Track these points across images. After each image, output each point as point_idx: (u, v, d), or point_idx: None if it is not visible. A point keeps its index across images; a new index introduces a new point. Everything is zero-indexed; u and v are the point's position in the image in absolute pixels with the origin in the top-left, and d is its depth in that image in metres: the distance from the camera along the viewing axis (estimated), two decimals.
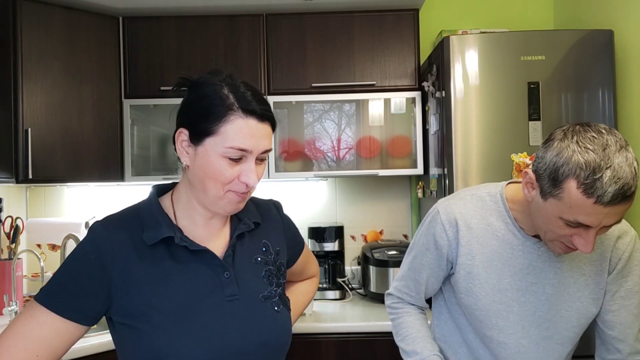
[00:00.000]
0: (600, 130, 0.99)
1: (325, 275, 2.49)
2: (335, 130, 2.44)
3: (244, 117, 0.94)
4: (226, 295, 0.98)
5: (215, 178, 0.95)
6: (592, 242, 1.01)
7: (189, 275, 0.97)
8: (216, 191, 0.96)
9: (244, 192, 0.97)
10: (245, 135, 0.94)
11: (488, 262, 1.20)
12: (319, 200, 2.72)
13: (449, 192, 2.01)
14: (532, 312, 1.19)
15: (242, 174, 0.95)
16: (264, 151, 0.97)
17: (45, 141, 2.14)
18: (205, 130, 0.94)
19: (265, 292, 1.04)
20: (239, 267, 1.03)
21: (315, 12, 2.39)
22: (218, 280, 0.99)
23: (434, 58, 2.20)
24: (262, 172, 1.00)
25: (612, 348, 1.21)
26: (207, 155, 0.94)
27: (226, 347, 0.95)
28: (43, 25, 2.14)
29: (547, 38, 2.00)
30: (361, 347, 2.06)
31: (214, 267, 1.00)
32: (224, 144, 0.93)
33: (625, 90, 2.02)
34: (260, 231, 1.11)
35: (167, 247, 0.98)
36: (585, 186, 0.95)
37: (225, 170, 0.94)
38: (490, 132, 1.97)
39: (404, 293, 1.35)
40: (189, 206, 1.02)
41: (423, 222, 1.31)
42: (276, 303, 1.04)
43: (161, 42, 2.39)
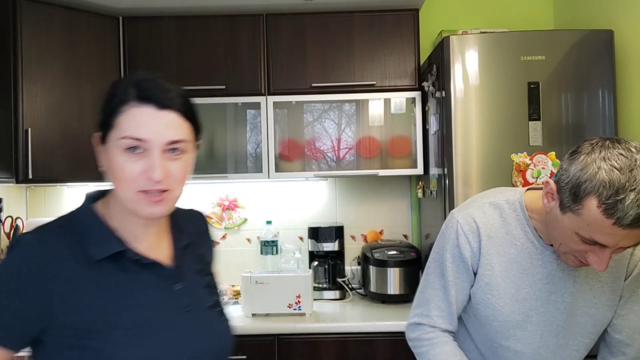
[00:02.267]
0: (630, 148, 0.95)
1: (325, 275, 2.49)
2: (335, 130, 2.44)
3: (138, 106, 0.88)
4: (180, 307, 0.95)
5: (119, 177, 0.89)
6: (607, 262, 0.99)
7: (141, 289, 0.93)
8: (124, 192, 0.90)
9: (156, 192, 0.89)
10: (139, 124, 0.87)
11: (506, 272, 1.17)
12: (318, 200, 2.72)
13: (449, 192, 2.01)
14: (550, 322, 1.17)
15: (145, 168, 0.88)
16: (170, 142, 0.89)
17: (45, 141, 2.13)
18: (106, 126, 0.90)
19: (210, 301, 1.02)
20: (186, 278, 0.99)
21: (315, 12, 2.39)
22: (169, 293, 0.96)
23: (434, 58, 2.20)
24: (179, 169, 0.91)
25: (617, 351, 1.20)
26: (110, 152, 0.90)
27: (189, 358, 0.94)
28: (43, 25, 2.14)
29: (547, 38, 2.00)
30: (361, 347, 2.06)
31: (164, 279, 0.96)
32: (120, 135, 0.88)
33: (625, 90, 2.01)
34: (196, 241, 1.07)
35: (115, 261, 0.92)
36: (606, 206, 0.92)
37: (126, 166, 0.88)
38: (490, 132, 1.97)
39: (436, 317, 1.23)
40: (123, 215, 0.95)
41: (441, 237, 1.24)
42: (221, 312, 1.04)
43: (161, 42, 2.39)
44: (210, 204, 2.71)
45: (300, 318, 2.13)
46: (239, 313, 2.19)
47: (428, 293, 1.25)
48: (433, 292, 1.23)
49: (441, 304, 1.22)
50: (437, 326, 1.23)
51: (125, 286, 0.92)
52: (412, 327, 1.27)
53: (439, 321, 1.23)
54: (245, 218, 2.71)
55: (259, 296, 2.14)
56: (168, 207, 0.92)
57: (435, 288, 1.23)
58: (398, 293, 2.32)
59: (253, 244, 2.70)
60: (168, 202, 0.91)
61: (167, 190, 0.90)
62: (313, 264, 2.50)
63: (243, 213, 2.71)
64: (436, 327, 1.23)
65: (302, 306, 2.14)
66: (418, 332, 1.25)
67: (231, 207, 2.71)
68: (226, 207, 2.71)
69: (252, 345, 2.05)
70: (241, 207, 2.71)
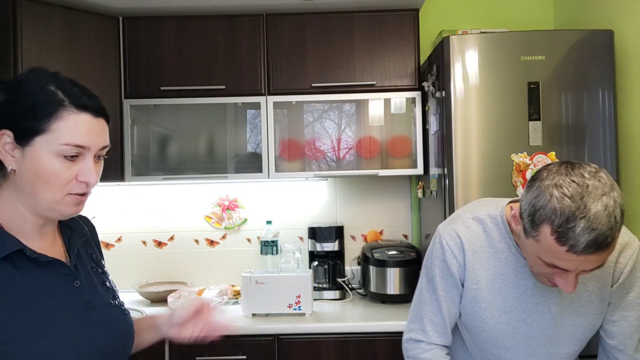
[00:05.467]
0: (583, 174, 0.96)
1: (325, 275, 2.49)
2: (335, 130, 2.44)
3: (77, 113, 0.91)
4: (82, 303, 0.97)
5: (49, 180, 0.90)
6: (573, 284, 1.01)
7: (42, 288, 0.93)
8: (52, 195, 0.91)
9: (83, 194, 0.94)
10: (81, 132, 0.91)
11: (492, 285, 1.19)
12: (319, 200, 2.71)
13: (449, 192, 2.01)
14: (538, 332, 1.19)
15: (80, 173, 0.92)
16: (102, 147, 0.95)
17: None
18: (34, 129, 0.89)
19: (109, 297, 1.05)
20: (84, 275, 1.02)
21: (315, 12, 2.39)
22: (70, 290, 0.97)
23: (434, 58, 2.20)
24: (99, 172, 0.96)
25: (612, 356, 1.22)
26: (38, 156, 0.90)
27: (96, 351, 0.96)
28: (43, 25, 2.14)
29: (547, 38, 2.00)
30: (361, 347, 2.06)
31: (63, 277, 0.97)
32: (59, 141, 0.89)
33: (625, 90, 2.01)
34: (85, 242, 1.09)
35: (10, 260, 0.91)
36: (558, 234, 0.94)
37: (61, 171, 0.90)
38: (490, 132, 1.97)
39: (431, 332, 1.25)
40: (15, 215, 0.94)
41: (429, 253, 1.27)
42: (122, 306, 1.07)
43: (161, 42, 2.38)
44: (210, 204, 2.71)
45: (300, 318, 2.13)
46: (239, 313, 2.19)
47: (422, 308, 1.27)
48: (426, 307, 1.26)
49: (435, 319, 1.25)
50: (433, 342, 1.25)
51: (23, 285, 0.91)
52: (410, 343, 1.30)
53: (434, 336, 1.25)
54: (245, 218, 2.71)
55: (259, 296, 2.14)
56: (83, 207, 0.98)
57: (428, 303, 1.26)
58: (398, 293, 2.32)
59: (253, 244, 2.70)
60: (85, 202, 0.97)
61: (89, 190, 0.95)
62: (313, 264, 2.50)
63: (243, 213, 2.71)
64: (432, 343, 1.26)
65: (302, 306, 2.14)
66: (416, 350, 1.27)
67: (231, 207, 2.71)
68: (226, 207, 2.71)
69: (252, 345, 2.05)
70: (241, 207, 2.71)
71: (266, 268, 2.51)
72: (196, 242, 2.71)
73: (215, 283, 2.55)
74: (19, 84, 0.93)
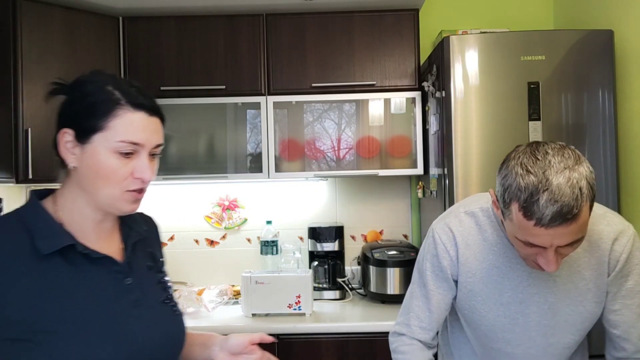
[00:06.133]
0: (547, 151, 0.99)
1: (325, 275, 2.49)
2: (335, 130, 2.44)
3: (132, 111, 0.94)
4: (131, 301, 0.98)
5: (107, 177, 0.93)
6: (554, 262, 1.01)
7: (91, 283, 0.94)
8: (110, 191, 0.94)
9: (139, 190, 0.96)
10: (136, 129, 0.93)
11: (487, 278, 1.20)
12: (319, 200, 2.72)
13: (449, 192, 2.01)
14: (536, 322, 1.19)
15: (135, 170, 0.94)
16: (156, 146, 0.98)
17: (45, 141, 2.12)
18: (93, 127, 0.93)
19: (162, 297, 1.06)
20: (137, 273, 1.02)
21: (315, 12, 2.39)
22: (120, 287, 0.98)
23: (434, 58, 2.20)
24: (154, 170, 0.99)
25: (618, 346, 1.22)
26: (97, 152, 0.93)
27: (136, 352, 0.95)
28: (43, 25, 2.14)
29: (547, 38, 2.00)
30: (361, 347, 2.06)
31: (114, 274, 0.98)
32: (115, 139, 0.92)
33: (625, 90, 2.01)
34: (145, 240, 1.11)
35: (63, 255, 0.93)
36: (525, 209, 0.97)
37: (118, 167, 0.93)
38: (490, 132, 1.97)
39: (415, 327, 1.26)
40: (75, 211, 0.97)
41: (422, 248, 1.29)
42: (175, 307, 1.08)
43: (161, 42, 2.39)
44: (210, 204, 2.71)
45: (300, 318, 2.13)
46: (239, 313, 2.19)
47: (410, 302, 1.29)
48: (415, 301, 1.27)
49: (421, 314, 1.26)
50: (415, 337, 1.26)
51: (74, 280, 0.93)
52: (394, 336, 1.31)
53: (417, 331, 1.26)
54: (245, 218, 2.71)
55: (259, 296, 2.14)
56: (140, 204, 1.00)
57: (417, 297, 1.27)
58: (398, 293, 2.32)
59: (253, 244, 2.70)
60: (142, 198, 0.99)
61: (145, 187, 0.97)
62: (313, 264, 2.50)
63: (243, 213, 2.71)
64: (414, 338, 1.27)
65: (302, 306, 2.14)
66: (397, 343, 1.29)
67: (231, 207, 2.71)
68: (226, 207, 2.71)
69: None
70: (241, 207, 2.71)
71: (266, 268, 2.52)
72: (196, 242, 2.71)
73: (215, 283, 2.54)
74: (80, 84, 0.97)
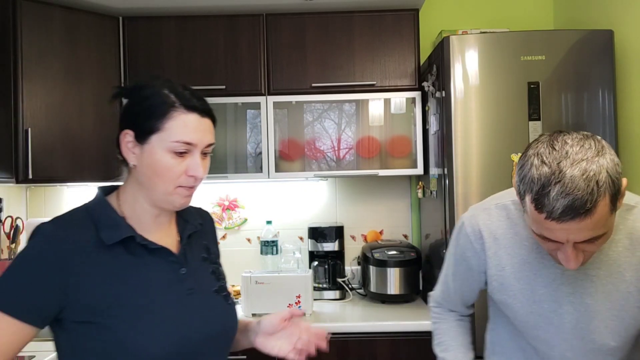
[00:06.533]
0: (567, 141, 0.94)
1: (325, 275, 2.49)
2: (335, 130, 2.44)
3: (185, 113, 1.01)
4: (185, 289, 1.05)
5: (163, 174, 1.01)
6: (573, 258, 0.96)
7: (149, 272, 1.02)
8: (165, 187, 1.02)
9: (191, 186, 1.04)
10: (189, 130, 1.01)
11: (519, 273, 1.15)
12: (319, 200, 2.72)
13: (449, 192, 2.01)
14: (572, 325, 1.11)
15: (189, 168, 1.02)
16: (207, 145, 1.04)
17: (45, 141, 2.14)
18: (151, 128, 1.01)
19: (215, 286, 1.13)
20: (191, 263, 1.09)
21: (315, 12, 2.39)
22: (175, 276, 1.05)
23: (434, 58, 2.20)
24: (207, 168, 1.06)
25: None
26: (154, 152, 1.01)
27: (189, 337, 1.01)
28: (43, 25, 2.14)
29: (547, 38, 2.00)
30: (361, 347, 2.06)
31: (170, 264, 1.05)
32: (170, 139, 1.00)
33: (625, 90, 2.02)
34: (200, 233, 1.17)
35: (125, 246, 1.01)
36: (536, 201, 0.92)
37: (172, 166, 1.00)
38: (490, 132, 1.97)
39: (442, 299, 1.37)
40: (136, 206, 1.06)
41: (453, 232, 1.30)
42: (227, 297, 1.15)
43: (161, 42, 2.39)
44: (210, 204, 2.71)
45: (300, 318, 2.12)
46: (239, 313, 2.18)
47: (441, 276, 1.37)
48: (442, 277, 1.36)
49: (445, 290, 1.36)
50: (444, 305, 1.38)
51: (133, 268, 1.01)
52: (429, 297, 1.44)
53: (445, 303, 1.38)
54: (245, 218, 2.71)
55: (259, 296, 2.14)
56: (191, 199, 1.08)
57: (444, 275, 1.35)
58: (398, 293, 2.32)
59: (253, 244, 2.70)
60: (193, 194, 1.07)
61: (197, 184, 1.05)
62: (313, 264, 2.50)
63: (243, 213, 2.71)
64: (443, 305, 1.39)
65: (302, 306, 2.14)
66: (430, 303, 1.42)
67: (231, 207, 2.71)
68: (226, 207, 2.71)
69: None
70: (241, 207, 2.71)
71: (266, 268, 2.52)
72: None
73: None
74: (139, 89, 1.05)
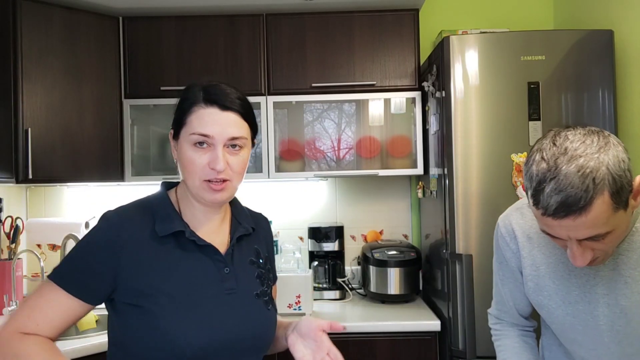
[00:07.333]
0: (569, 136, 0.93)
1: (325, 275, 2.49)
2: (335, 130, 2.44)
3: (204, 107, 1.04)
4: (225, 288, 1.07)
5: (188, 168, 1.05)
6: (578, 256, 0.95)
7: (194, 266, 1.06)
8: (192, 181, 1.05)
9: (217, 181, 1.04)
10: (206, 122, 1.03)
11: (554, 273, 1.13)
12: (319, 200, 2.72)
13: (449, 192, 2.01)
14: (608, 327, 1.08)
15: (210, 160, 1.03)
16: (231, 138, 1.05)
17: (45, 141, 2.14)
18: (179, 123, 1.07)
19: (258, 290, 1.13)
20: (237, 264, 1.12)
21: (315, 12, 2.39)
22: (218, 274, 1.08)
23: (434, 58, 2.20)
24: (238, 162, 1.07)
25: None
26: (181, 146, 1.06)
27: (224, 335, 1.04)
28: (43, 25, 2.14)
29: (547, 38, 2.00)
30: (361, 347, 2.06)
31: (215, 262, 1.08)
32: (189, 132, 1.04)
33: (625, 90, 2.01)
34: (253, 237, 1.20)
35: (176, 239, 1.07)
36: (533, 198, 0.92)
37: (194, 158, 1.04)
38: (490, 132, 1.97)
39: (499, 311, 1.33)
40: (189, 202, 1.11)
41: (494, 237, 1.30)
42: (267, 302, 1.14)
43: (161, 42, 2.39)
44: None
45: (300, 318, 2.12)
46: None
47: (494, 288, 1.34)
48: (494, 288, 1.33)
49: (500, 300, 1.31)
50: (504, 319, 1.33)
51: (179, 260, 1.05)
52: (488, 315, 1.39)
53: (504, 316, 1.32)
54: None
55: None
56: (227, 195, 1.07)
57: (495, 284, 1.33)
58: (398, 293, 2.32)
59: None
60: (227, 190, 1.07)
61: (227, 180, 1.05)
62: (313, 264, 2.50)
63: None
64: (503, 320, 1.33)
65: (302, 306, 2.14)
66: (490, 322, 1.37)
67: None
68: None
69: None
70: None
71: None
72: None
73: None
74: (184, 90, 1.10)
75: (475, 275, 1.93)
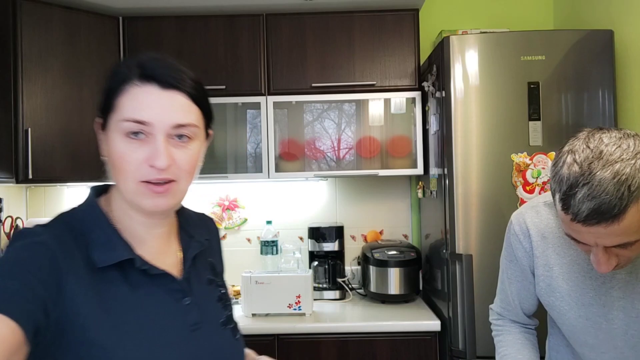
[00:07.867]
0: (603, 139, 0.88)
1: (325, 275, 2.49)
2: (335, 130, 2.44)
3: (140, 85, 0.78)
4: (189, 325, 0.84)
5: (119, 166, 0.78)
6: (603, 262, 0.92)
7: (148, 304, 0.81)
8: (125, 183, 0.79)
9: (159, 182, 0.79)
10: (141, 104, 0.77)
11: (568, 274, 1.11)
12: (319, 200, 2.72)
13: (449, 192, 2.01)
14: (623, 331, 1.06)
15: (149, 155, 0.77)
16: (176, 125, 0.79)
17: (45, 141, 2.14)
18: (106, 108, 0.80)
19: (222, 317, 0.92)
20: (196, 291, 0.88)
21: (315, 12, 2.39)
22: (178, 308, 0.84)
23: (434, 58, 2.20)
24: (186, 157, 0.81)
25: None
26: (111, 138, 0.79)
27: None
28: (43, 25, 2.14)
29: (547, 38, 2.00)
30: (361, 347, 2.06)
31: (172, 293, 0.84)
32: (119, 118, 0.78)
33: (625, 90, 2.02)
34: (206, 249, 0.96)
35: (121, 269, 0.80)
36: (563, 202, 0.88)
37: (126, 153, 0.77)
38: (490, 132, 1.97)
39: (502, 309, 1.31)
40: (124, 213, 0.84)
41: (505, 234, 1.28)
42: (234, 330, 0.94)
43: (161, 42, 2.38)
44: (210, 204, 2.71)
45: (300, 318, 2.13)
46: (239, 313, 2.19)
47: (498, 285, 1.32)
48: (499, 285, 1.32)
49: (504, 298, 1.30)
50: (505, 316, 1.31)
51: (129, 300, 0.80)
52: (489, 310, 1.38)
53: (506, 313, 1.31)
54: (245, 218, 2.71)
55: (259, 296, 2.14)
56: (173, 201, 0.82)
57: (500, 282, 1.31)
58: (398, 293, 2.32)
59: (253, 244, 2.70)
60: (173, 194, 0.81)
61: (173, 181, 0.80)
62: (313, 264, 2.50)
63: (243, 213, 2.71)
64: (504, 316, 1.32)
65: (302, 306, 2.14)
66: (491, 317, 1.36)
67: (231, 207, 2.71)
68: (226, 207, 2.71)
69: (252, 345, 2.03)
70: (241, 207, 2.71)
71: (266, 268, 2.51)
72: None
73: None
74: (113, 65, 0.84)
75: (475, 275, 1.93)
